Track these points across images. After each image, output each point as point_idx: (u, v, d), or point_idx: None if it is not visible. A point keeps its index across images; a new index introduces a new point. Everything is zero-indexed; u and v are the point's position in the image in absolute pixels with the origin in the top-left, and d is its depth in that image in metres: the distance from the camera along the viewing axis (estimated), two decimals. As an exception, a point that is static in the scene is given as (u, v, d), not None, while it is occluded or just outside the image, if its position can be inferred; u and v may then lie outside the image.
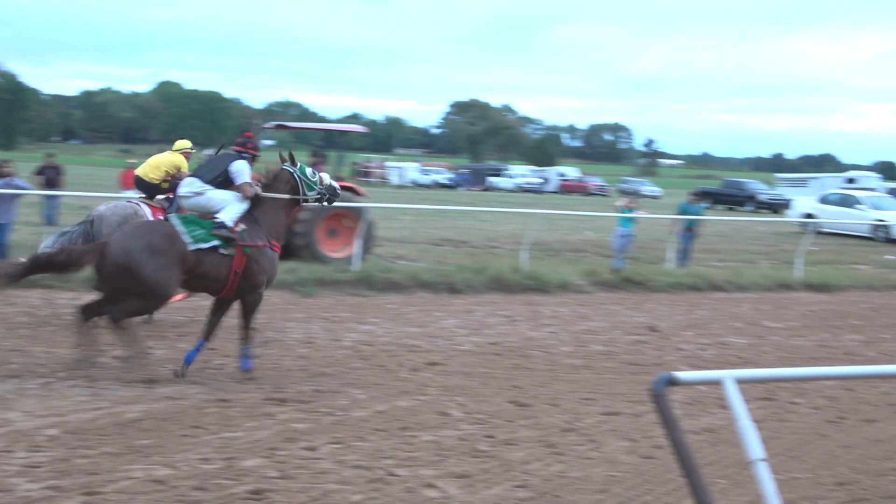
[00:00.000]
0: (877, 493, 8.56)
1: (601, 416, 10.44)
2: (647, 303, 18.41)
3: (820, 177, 66.07)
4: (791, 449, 9.72)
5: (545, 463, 8.77)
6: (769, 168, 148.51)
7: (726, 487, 8.33)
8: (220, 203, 10.92)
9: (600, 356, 13.56)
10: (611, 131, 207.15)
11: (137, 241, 10.27)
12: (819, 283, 21.64)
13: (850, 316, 18.51)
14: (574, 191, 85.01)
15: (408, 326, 14.79)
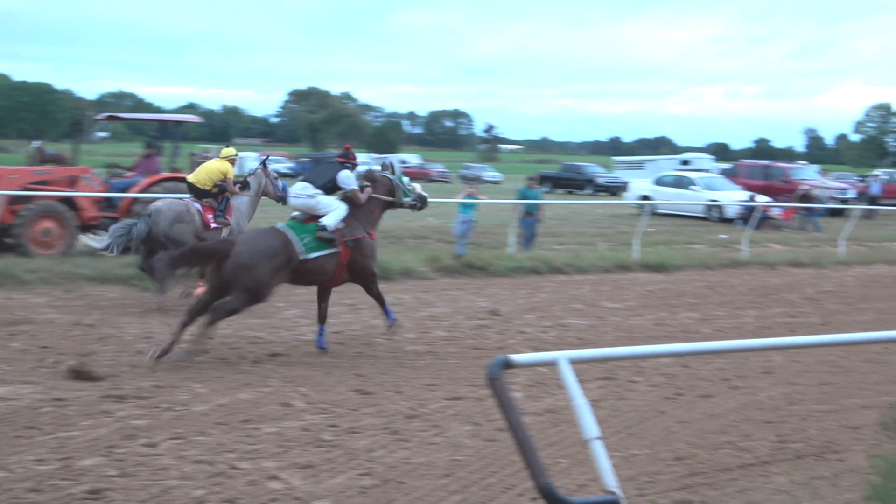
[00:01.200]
0: (712, 467, 8.79)
1: (445, 401, 10.49)
2: (489, 287, 18.56)
3: (656, 159, 67.64)
4: (630, 426, 9.91)
5: (389, 450, 8.77)
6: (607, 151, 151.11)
7: (568, 466, 8.45)
8: (326, 207, 12.49)
9: (443, 342, 13.61)
10: (451, 118, 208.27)
11: (259, 245, 11.83)
12: (656, 264, 22.11)
13: (686, 294, 18.96)
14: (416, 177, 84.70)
15: (249, 318, 14.55)
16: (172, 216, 15.33)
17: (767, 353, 13.00)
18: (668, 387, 11.55)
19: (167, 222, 15.23)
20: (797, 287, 20.63)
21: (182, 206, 15.61)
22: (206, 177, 15.96)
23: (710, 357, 12.84)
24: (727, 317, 16.70)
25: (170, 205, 15.58)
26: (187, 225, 15.44)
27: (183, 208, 15.55)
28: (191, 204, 15.71)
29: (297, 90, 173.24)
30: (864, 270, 24.07)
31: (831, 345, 11.79)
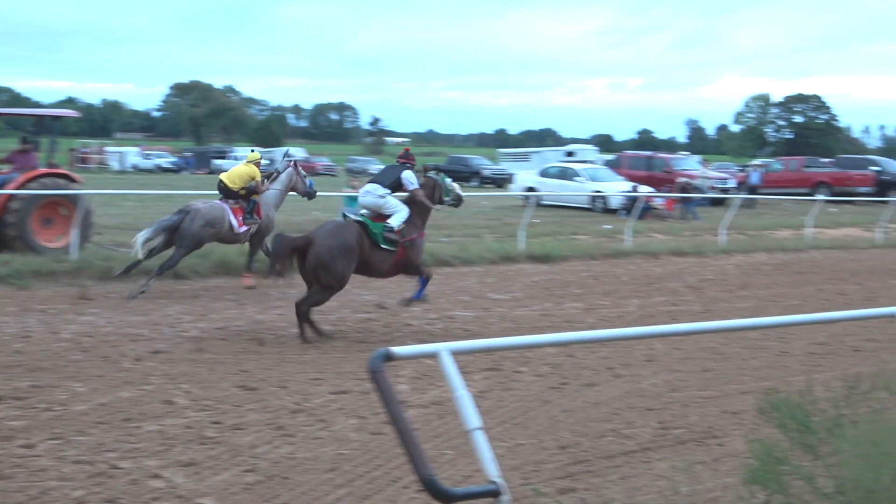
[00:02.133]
0: (596, 454, 8.87)
1: (330, 395, 10.44)
2: (375, 281, 18.42)
3: (541, 151, 68.25)
4: (515, 416, 9.96)
5: (274, 445, 8.69)
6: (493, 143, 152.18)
7: (454, 458, 8.46)
8: (393, 208, 13.82)
9: (329, 336, 13.53)
10: (336, 111, 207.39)
11: (335, 240, 13.07)
12: (541, 255, 22.28)
13: (571, 284, 19.14)
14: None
15: (130, 315, 14.37)
16: (205, 220, 16.58)
17: (650, 340, 13.19)
18: (553, 376, 11.64)
19: (199, 223, 16.48)
20: (679, 276, 20.97)
21: (219, 211, 16.91)
22: (236, 179, 17.37)
23: (594, 346, 12.97)
24: (611, 306, 16.90)
25: (209, 208, 16.85)
26: (216, 230, 16.81)
27: (218, 214, 16.86)
28: (226, 210, 17.00)
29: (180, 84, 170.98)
30: (744, 258, 24.54)
31: (712, 332, 11.95)
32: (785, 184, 46.37)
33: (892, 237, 30.43)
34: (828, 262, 24.54)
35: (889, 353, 11.95)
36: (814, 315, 9.56)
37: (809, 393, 6.64)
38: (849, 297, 18.76)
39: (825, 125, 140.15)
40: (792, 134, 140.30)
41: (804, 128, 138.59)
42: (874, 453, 6.08)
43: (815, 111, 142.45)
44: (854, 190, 44.67)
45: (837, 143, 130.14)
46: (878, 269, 23.48)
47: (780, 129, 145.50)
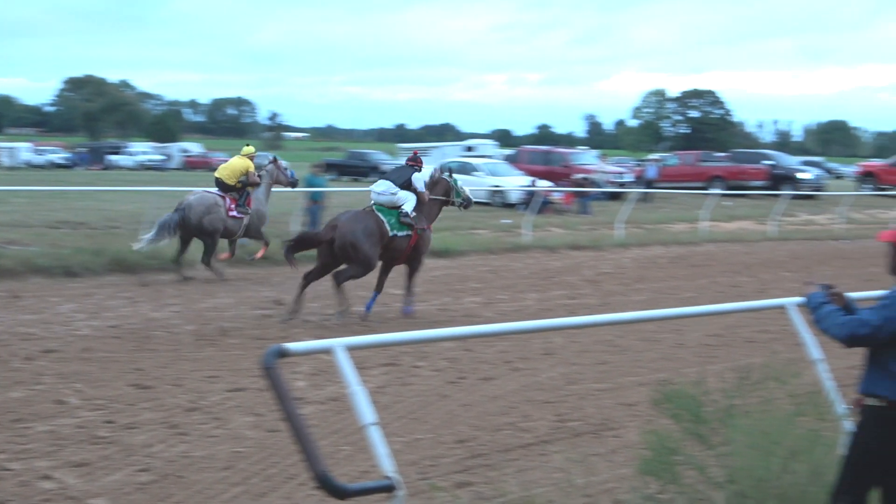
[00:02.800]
0: (493, 448, 8.91)
1: (226, 392, 10.33)
2: (273, 276, 18.36)
3: (440, 146, 68.19)
4: (413, 411, 9.96)
5: (168, 444, 8.58)
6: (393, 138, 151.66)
7: (351, 453, 8.43)
8: (403, 200, 15.21)
9: (225, 333, 13.39)
10: (234, 105, 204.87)
11: (359, 224, 14.62)
12: (441, 249, 22.21)
13: (470, 279, 19.19)
14: (199, 167, 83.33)
15: (21, 314, 14.05)
16: (203, 209, 17.85)
17: (548, 334, 13.27)
18: (451, 371, 11.66)
19: (199, 214, 17.75)
20: (577, 269, 21.14)
21: (211, 199, 18.12)
22: (231, 173, 18.68)
23: (492, 340, 13.02)
24: (510, 300, 16.99)
25: (200, 199, 18.06)
26: (216, 215, 17.99)
27: (212, 201, 18.06)
28: (218, 197, 18.24)
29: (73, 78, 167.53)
30: (640, 252, 24.82)
31: (609, 324, 12.10)
32: (681, 178, 46.96)
33: (784, 230, 31.02)
34: (722, 254, 24.94)
35: (781, 343, 12.14)
36: (708, 307, 9.67)
37: (702, 384, 6.73)
38: (742, 289, 19.09)
39: (720, 120, 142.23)
40: (688, 129, 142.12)
41: (700, 122, 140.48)
42: (764, 442, 6.19)
43: (711, 106, 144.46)
44: (748, 184, 45.42)
45: (732, 138, 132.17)
46: (770, 261, 23.92)
47: (676, 124, 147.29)
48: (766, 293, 17.98)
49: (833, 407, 6.70)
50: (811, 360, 6.75)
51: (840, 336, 5.80)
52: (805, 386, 6.97)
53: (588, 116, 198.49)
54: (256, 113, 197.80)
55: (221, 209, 18.13)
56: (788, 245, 27.86)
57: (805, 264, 23.47)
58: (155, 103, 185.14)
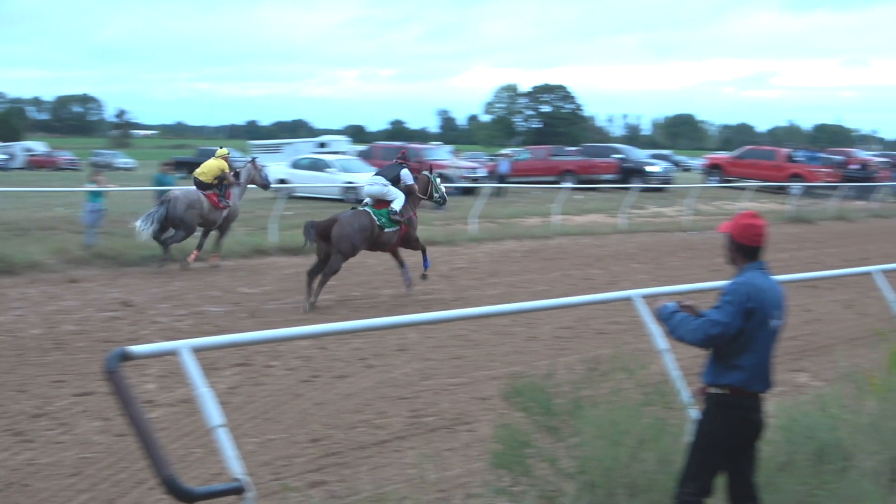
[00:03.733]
0: (348, 446, 8.88)
1: (73, 397, 10.10)
2: (121, 278, 17.98)
3: (293, 142, 67.56)
4: (267, 411, 9.87)
5: (13, 452, 8.35)
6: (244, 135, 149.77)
7: (203, 456, 8.31)
8: (393, 195, 16.89)
9: (72, 336, 13.07)
10: (80, 103, 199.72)
11: (355, 221, 16.38)
12: (294, 247, 22.02)
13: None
14: (43, 166, 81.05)
15: None
16: (187, 203, 19.57)
17: (402, 330, 13.25)
18: (304, 369, 11.58)
19: (183, 207, 19.46)
20: (432, 265, 21.15)
21: (195, 195, 19.89)
22: (208, 172, 20.41)
23: (346, 338, 12.95)
24: (363, 296, 16.96)
25: (185, 193, 19.90)
26: (197, 210, 19.73)
27: (195, 197, 19.83)
28: (200, 193, 19.93)
29: None
30: (494, 246, 24.98)
31: (463, 319, 12.11)
32: (533, 172, 47.44)
33: (634, 222, 31.61)
34: (574, 247, 25.26)
35: (631, 334, 12.35)
36: (559, 300, 9.77)
37: (552, 376, 6.80)
38: (594, 281, 19.38)
39: (571, 114, 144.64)
40: (540, 123, 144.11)
41: (551, 117, 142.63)
42: (613, 432, 6.29)
43: (562, 101, 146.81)
44: (599, 177, 46.08)
45: (583, 132, 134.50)
46: (621, 253, 24.34)
47: (528, 119, 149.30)
48: (617, 285, 18.31)
49: (679, 396, 6.85)
50: (658, 350, 6.88)
51: (696, 340, 5.93)
52: (652, 376, 7.11)
53: (441, 112, 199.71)
54: (103, 110, 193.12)
55: (204, 204, 19.87)
56: (638, 237, 28.38)
57: (654, 256, 23.96)
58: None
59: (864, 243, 28.44)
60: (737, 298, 5.88)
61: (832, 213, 37.39)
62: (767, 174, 47.43)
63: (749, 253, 6.10)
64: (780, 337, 6.11)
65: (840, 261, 23.07)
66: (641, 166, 49.17)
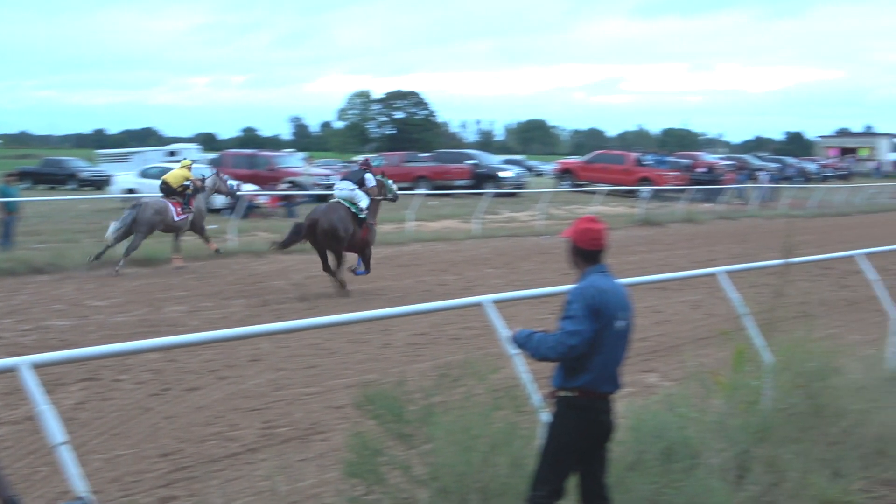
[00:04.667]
0: (199, 459, 8.74)
1: None
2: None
3: (142, 151, 66.37)
4: (115, 427, 9.66)
5: None
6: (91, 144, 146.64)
7: (48, 474, 8.08)
8: (360, 197, 18.93)
9: None
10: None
11: (334, 217, 18.30)
12: (142, 258, 21.58)
13: (174, 288, 18.74)
14: None
15: None
16: (154, 209, 21.36)
17: (255, 340, 13.10)
18: (154, 383, 11.36)
19: (150, 212, 21.19)
20: (284, 274, 21.02)
21: (162, 203, 21.77)
22: (175, 180, 22.49)
23: (197, 349, 12.72)
24: (216, 308, 16.71)
25: (155, 201, 21.85)
26: (163, 216, 21.52)
27: (162, 205, 21.67)
28: (168, 203, 21.77)
29: None
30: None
31: (316, 328, 12.03)
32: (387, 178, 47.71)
33: (488, 228, 31.87)
34: (429, 254, 25.34)
35: (485, 339, 12.41)
36: (413, 307, 9.74)
37: (403, 384, 6.79)
38: (448, 287, 19.47)
39: (425, 120, 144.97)
40: (394, 129, 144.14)
41: (405, 123, 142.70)
42: (465, 437, 6.31)
43: (415, 107, 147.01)
44: (452, 183, 46.39)
45: (437, 138, 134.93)
46: (475, 258, 24.51)
47: (382, 125, 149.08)
48: (472, 290, 18.38)
49: (530, 399, 6.90)
50: (508, 354, 6.92)
51: (559, 355, 5.98)
52: (504, 380, 7.15)
53: (294, 118, 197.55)
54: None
55: (168, 214, 21.60)
56: (492, 242, 28.61)
57: (508, 260, 24.19)
58: None
59: (711, 245, 29.18)
60: (582, 302, 5.95)
61: (680, 215, 38.23)
62: (617, 178, 48.39)
63: (589, 257, 6.18)
64: (628, 338, 6.20)
65: (689, 262, 23.59)
66: (494, 172, 49.70)
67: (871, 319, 15.35)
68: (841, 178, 78.70)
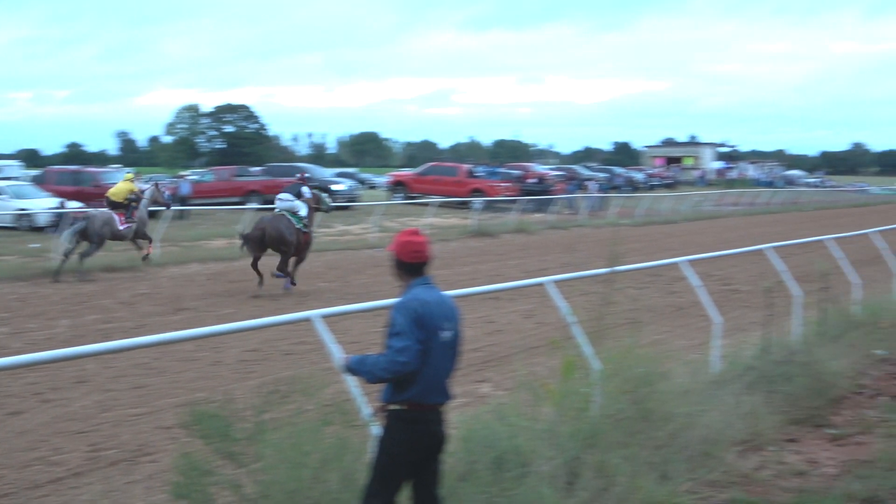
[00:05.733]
0: (22, 486, 8.47)
1: None
2: None
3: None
4: (-69, 456, 9.25)
5: None
6: None
7: None
8: (300, 207, 21.39)
9: None
10: None
11: (280, 225, 20.78)
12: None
13: (-5, 309, 18.13)
14: None
15: None
16: (103, 221, 23.40)
17: (80, 361, 12.73)
18: (-28, 409, 10.94)
19: (99, 224, 23.23)
20: (111, 292, 20.50)
21: (108, 214, 23.79)
22: (119, 192, 24.67)
23: (20, 372, 12.30)
24: (40, 328, 16.20)
25: (102, 213, 23.76)
26: (110, 227, 23.57)
27: (109, 217, 23.69)
28: (113, 214, 23.82)
29: None
30: (178, 270, 24.41)
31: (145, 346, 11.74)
32: (217, 193, 46.96)
33: (321, 241, 31.41)
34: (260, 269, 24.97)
35: (318, 354, 12.31)
36: (241, 323, 9.54)
37: (231, 402, 6.68)
38: (281, 302, 19.34)
39: (256, 134, 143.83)
40: (224, 144, 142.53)
41: (236, 137, 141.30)
42: (295, 454, 6.24)
43: (246, 121, 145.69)
44: (284, 197, 46.08)
45: (269, 152, 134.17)
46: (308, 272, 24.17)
47: (212, 140, 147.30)
48: (305, 305, 18.26)
49: (360, 414, 6.86)
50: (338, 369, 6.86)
51: (392, 374, 5.96)
52: (337, 395, 7.10)
53: (121, 133, 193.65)
54: None
55: (116, 223, 23.69)
56: (325, 256, 28.42)
57: (341, 274, 24.11)
58: None
59: (543, 255, 29.59)
60: (406, 316, 5.95)
61: (512, 226, 38.68)
62: (450, 190, 48.78)
63: (412, 269, 6.19)
64: (457, 349, 6.21)
65: (521, 272, 23.90)
66: (327, 185, 49.55)
67: (697, 324, 15.81)
68: (667, 186, 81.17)
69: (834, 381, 11.61)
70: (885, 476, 8.74)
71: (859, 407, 11.47)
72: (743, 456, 9.29)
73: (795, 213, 58.68)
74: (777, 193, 72.71)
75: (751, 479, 8.74)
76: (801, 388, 10.97)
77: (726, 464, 8.82)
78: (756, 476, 8.84)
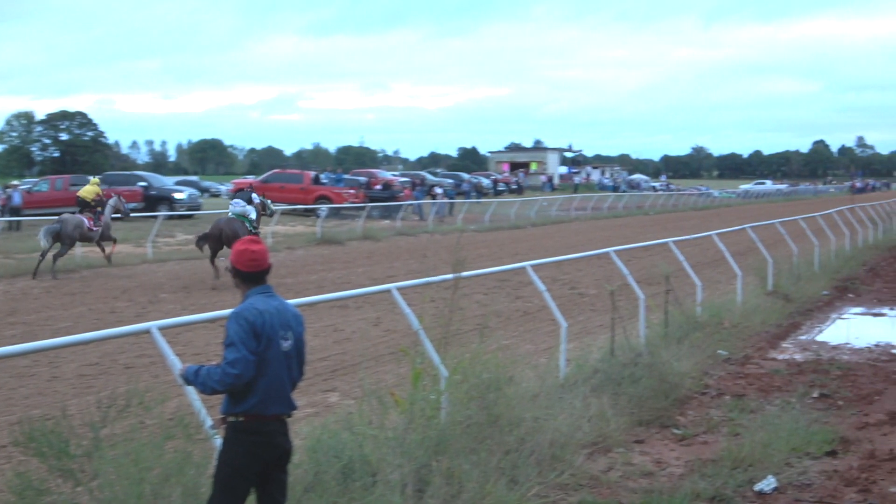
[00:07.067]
0: None
1: None
2: None
3: None
4: None
5: None
6: None
7: None
8: (251, 212, 25.03)
9: None
10: None
11: (235, 225, 24.07)
12: None
13: None
14: None
15: None
16: (75, 223, 25.49)
17: None
18: None
19: (71, 227, 25.30)
20: None
21: (79, 219, 25.95)
22: (87, 194, 27.79)
23: None
24: None
25: (73, 217, 25.95)
26: (80, 229, 25.61)
27: (79, 220, 25.81)
28: (83, 218, 26.07)
29: None
30: (10, 284, 23.60)
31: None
32: (51, 203, 45.56)
33: (162, 251, 31.14)
34: (99, 280, 24.43)
35: (160, 367, 12.02)
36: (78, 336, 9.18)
37: (66, 418, 6.42)
38: (120, 314, 18.80)
39: (93, 142, 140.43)
40: (59, 152, 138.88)
41: (71, 145, 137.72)
42: (135, 470, 6.04)
43: (82, 128, 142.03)
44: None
45: (107, 160, 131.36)
46: (149, 283, 23.84)
47: (46, 148, 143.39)
48: (145, 317, 17.86)
49: (202, 427, 6.68)
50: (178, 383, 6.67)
51: (227, 387, 5.84)
52: (176, 409, 6.90)
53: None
54: None
55: (84, 225, 25.76)
56: (167, 266, 27.97)
57: (183, 284, 23.71)
58: None
59: (390, 261, 29.56)
60: (240, 326, 5.83)
61: (359, 233, 38.56)
62: (295, 197, 48.47)
63: (250, 278, 6.10)
64: (298, 358, 6.11)
65: (368, 280, 23.84)
66: (168, 194, 48.74)
67: (545, 329, 15.96)
68: (514, 191, 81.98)
69: (679, 381, 11.84)
70: (730, 474, 8.94)
71: (704, 407, 11.71)
72: (591, 458, 9.39)
73: (640, 217, 59.95)
74: (622, 197, 74.17)
75: (599, 481, 8.83)
76: (647, 390, 11.15)
77: (575, 467, 8.89)
78: (604, 478, 8.93)
